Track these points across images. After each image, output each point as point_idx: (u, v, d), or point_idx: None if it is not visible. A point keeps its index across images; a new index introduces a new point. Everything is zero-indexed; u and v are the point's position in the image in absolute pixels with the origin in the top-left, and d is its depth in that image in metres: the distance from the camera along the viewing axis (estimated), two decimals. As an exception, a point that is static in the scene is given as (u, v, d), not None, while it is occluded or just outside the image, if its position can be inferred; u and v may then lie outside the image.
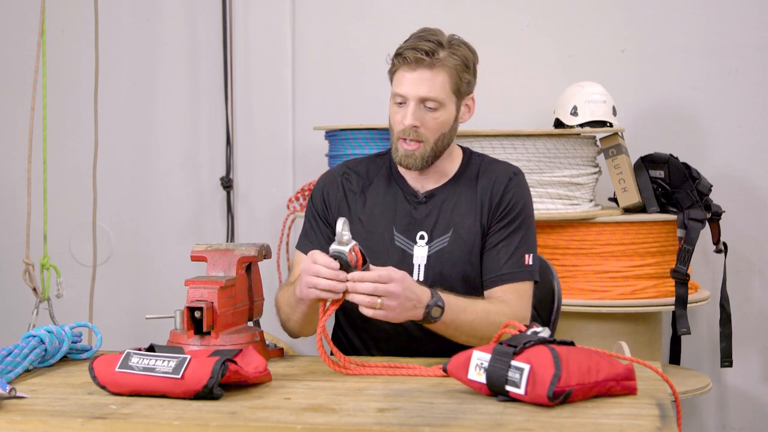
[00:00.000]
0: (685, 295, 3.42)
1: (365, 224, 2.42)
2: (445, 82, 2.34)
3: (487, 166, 2.46)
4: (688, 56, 3.85)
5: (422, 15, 4.00)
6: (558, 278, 2.74)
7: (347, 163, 2.55)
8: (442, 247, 2.38)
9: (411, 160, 2.37)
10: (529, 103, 3.88)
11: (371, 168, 2.50)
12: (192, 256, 2.23)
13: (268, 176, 4.18)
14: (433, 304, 2.17)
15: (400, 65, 2.35)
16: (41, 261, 3.48)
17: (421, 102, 2.34)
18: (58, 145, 4.18)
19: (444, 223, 2.39)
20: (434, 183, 2.44)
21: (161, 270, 4.26)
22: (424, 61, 2.32)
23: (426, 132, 2.35)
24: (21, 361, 2.08)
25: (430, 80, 2.33)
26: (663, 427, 1.66)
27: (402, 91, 2.35)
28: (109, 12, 4.07)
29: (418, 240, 2.39)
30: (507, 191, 2.40)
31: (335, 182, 2.49)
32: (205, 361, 1.87)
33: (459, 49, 2.36)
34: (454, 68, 2.34)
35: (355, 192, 2.46)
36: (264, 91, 4.17)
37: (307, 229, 2.50)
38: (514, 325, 1.94)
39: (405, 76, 2.35)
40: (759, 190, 3.84)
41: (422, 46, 2.32)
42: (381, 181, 2.47)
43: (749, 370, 3.87)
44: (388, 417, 1.75)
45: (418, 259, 2.38)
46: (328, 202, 2.47)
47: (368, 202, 2.44)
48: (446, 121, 2.37)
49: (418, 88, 2.33)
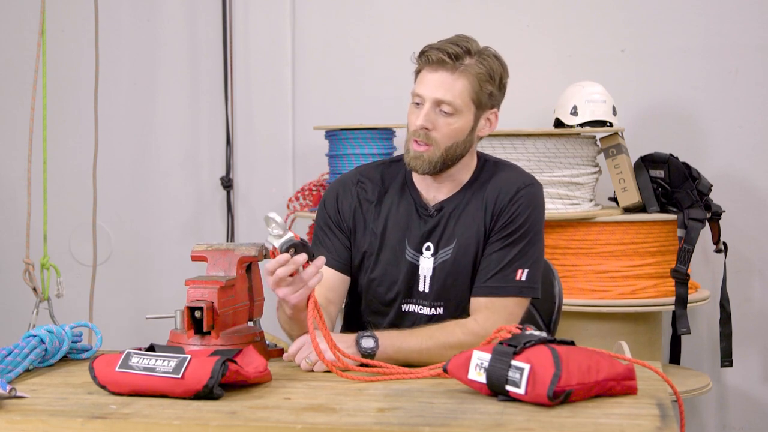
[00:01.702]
0: (685, 294, 3.42)
1: (379, 235, 2.38)
2: (465, 89, 2.28)
3: (499, 174, 2.39)
4: (688, 56, 3.85)
5: (422, 15, 4.01)
6: (559, 278, 2.74)
7: (360, 169, 2.49)
8: (445, 259, 2.35)
9: (419, 162, 2.31)
10: (529, 103, 3.87)
11: (386, 175, 2.44)
12: (192, 256, 2.23)
13: (268, 176, 4.18)
14: (361, 337, 2.15)
15: (423, 65, 2.31)
16: (41, 261, 3.49)
17: (437, 105, 2.28)
18: (58, 145, 4.18)
19: (449, 234, 2.36)
20: (446, 193, 2.38)
21: (161, 270, 4.26)
22: (446, 63, 2.27)
23: (437, 136, 2.29)
24: (21, 361, 2.08)
25: (450, 84, 2.27)
26: (663, 427, 1.66)
27: (420, 91, 2.30)
28: (109, 12, 4.07)
29: (425, 251, 2.36)
30: (511, 203, 2.34)
31: (349, 190, 2.43)
32: (205, 361, 1.87)
33: (487, 60, 2.31)
34: (477, 77, 2.28)
35: (371, 201, 2.41)
36: (264, 91, 4.17)
37: (320, 236, 2.44)
38: (507, 330, 1.94)
39: (426, 76, 2.30)
40: (759, 190, 3.84)
41: (448, 48, 2.27)
42: (395, 190, 2.42)
43: (749, 370, 3.87)
44: (388, 417, 1.75)
45: (424, 270, 2.36)
46: (342, 211, 2.42)
47: (382, 212, 2.40)
48: (460, 129, 2.31)
49: (436, 89, 2.28)
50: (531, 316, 2.60)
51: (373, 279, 2.39)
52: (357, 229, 2.40)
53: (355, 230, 2.40)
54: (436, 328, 2.24)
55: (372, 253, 2.39)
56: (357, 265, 2.41)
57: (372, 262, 2.39)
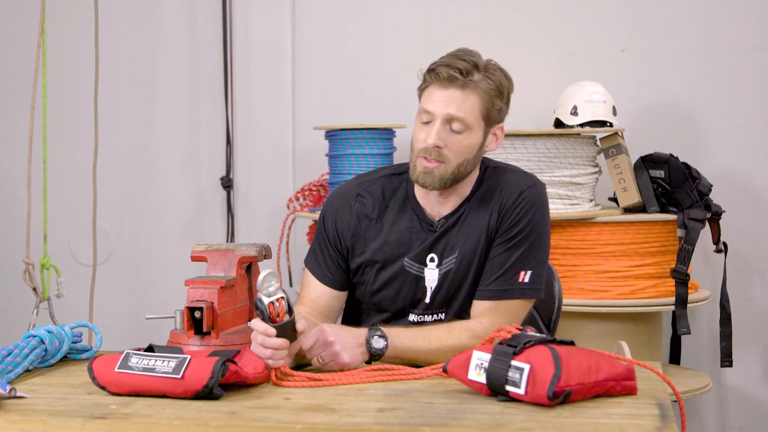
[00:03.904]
0: (685, 294, 3.42)
1: (378, 253, 2.37)
2: (476, 106, 2.25)
3: (500, 178, 2.37)
4: (688, 56, 3.85)
5: (422, 15, 4.01)
6: (559, 278, 2.74)
7: (361, 181, 2.44)
8: (449, 268, 2.34)
9: (429, 178, 2.27)
10: (529, 103, 3.87)
11: (387, 189, 2.41)
12: (192, 256, 2.23)
13: (268, 176, 4.18)
14: (371, 336, 2.14)
15: (431, 81, 2.26)
16: (41, 261, 3.49)
17: (448, 122, 2.25)
18: (58, 145, 4.18)
19: (452, 244, 2.34)
20: (450, 207, 2.36)
21: (161, 270, 4.26)
22: (457, 80, 2.23)
23: (449, 154, 2.26)
24: (21, 361, 2.08)
25: (461, 100, 2.23)
26: (663, 427, 1.66)
27: (430, 108, 2.25)
28: (109, 12, 4.07)
29: (428, 263, 2.35)
30: (515, 206, 2.32)
31: (347, 206, 2.40)
32: (205, 361, 1.87)
33: (494, 75, 2.27)
34: (487, 93, 2.25)
35: (371, 218, 2.38)
36: (264, 91, 4.17)
37: (316, 250, 2.43)
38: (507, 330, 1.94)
39: (435, 93, 2.25)
40: (759, 190, 3.84)
41: (457, 64, 2.23)
42: (397, 205, 2.39)
43: (749, 370, 3.87)
44: (388, 417, 1.75)
45: (429, 282, 2.35)
46: (340, 229, 2.40)
47: (383, 228, 2.37)
48: (471, 146, 2.27)
49: (447, 106, 2.23)
50: (531, 316, 2.60)
51: (375, 292, 2.39)
52: (356, 246, 2.39)
53: (353, 248, 2.39)
54: (444, 331, 2.24)
55: (372, 268, 2.37)
56: (356, 277, 2.41)
57: (372, 277, 2.38)
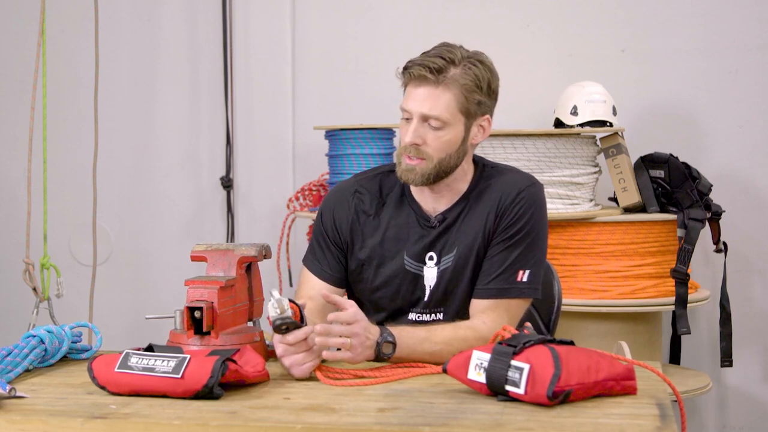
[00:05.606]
0: (685, 294, 3.42)
1: (377, 249, 2.37)
2: (451, 102, 2.25)
3: (498, 177, 2.38)
4: (688, 56, 3.85)
5: (422, 15, 4.01)
6: (558, 278, 2.74)
7: (359, 179, 2.45)
8: (447, 266, 2.35)
9: (411, 175, 2.29)
10: (529, 103, 3.87)
11: (384, 186, 2.42)
12: (192, 256, 2.23)
13: (268, 176, 4.18)
14: (383, 341, 2.12)
15: (407, 80, 2.28)
16: (41, 261, 3.49)
17: (425, 120, 2.26)
18: (58, 145, 4.18)
19: (450, 242, 2.35)
20: (446, 203, 2.37)
21: (161, 270, 4.26)
22: (428, 78, 2.24)
23: (429, 150, 2.27)
24: (21, 361, 2.08)
25: (435, 98, 2.24)
26: (663, 427, 1.66)
27: (407, 107, 2.28)
28: (109, 12, 4.07)
29: (428, 261, 2.35)
30: (513, 205, 2.32)
31: (346, 202, 2.41)
32: (204, 361, 1.87)
33: (472, 69, 2.26)
34: (462, 88, 2.25)
35: (369, 214, 2.39)
36: (264, 91, 4.17)
37: (315, 247, 2.44)
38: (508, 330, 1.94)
39: (411, 92, 2.27)
40: (759, 190, 3.84)
41: (429, 63, 2.24)
42: (393, 201, 2.40)
43: (749, 370, 3.87)
44: (388, 417, 1.75)
45: (428, 280, 2.36)
46: (339, 226, 2.40)
47: (381, 224, 2.38)
48: (451, 141, 2.28)
49: (422, 105, 2.25)
50: (530, 316, 2.60)
51: (374, 290, 2.39)
52: (354, 242, 2.39)
53: (352, 243, 2.40)
54: (450, 334, 2.22)
55: (371, 265, 2.38)
56: (354, 275, 2.41)
57: (371, 274, 2.38)
